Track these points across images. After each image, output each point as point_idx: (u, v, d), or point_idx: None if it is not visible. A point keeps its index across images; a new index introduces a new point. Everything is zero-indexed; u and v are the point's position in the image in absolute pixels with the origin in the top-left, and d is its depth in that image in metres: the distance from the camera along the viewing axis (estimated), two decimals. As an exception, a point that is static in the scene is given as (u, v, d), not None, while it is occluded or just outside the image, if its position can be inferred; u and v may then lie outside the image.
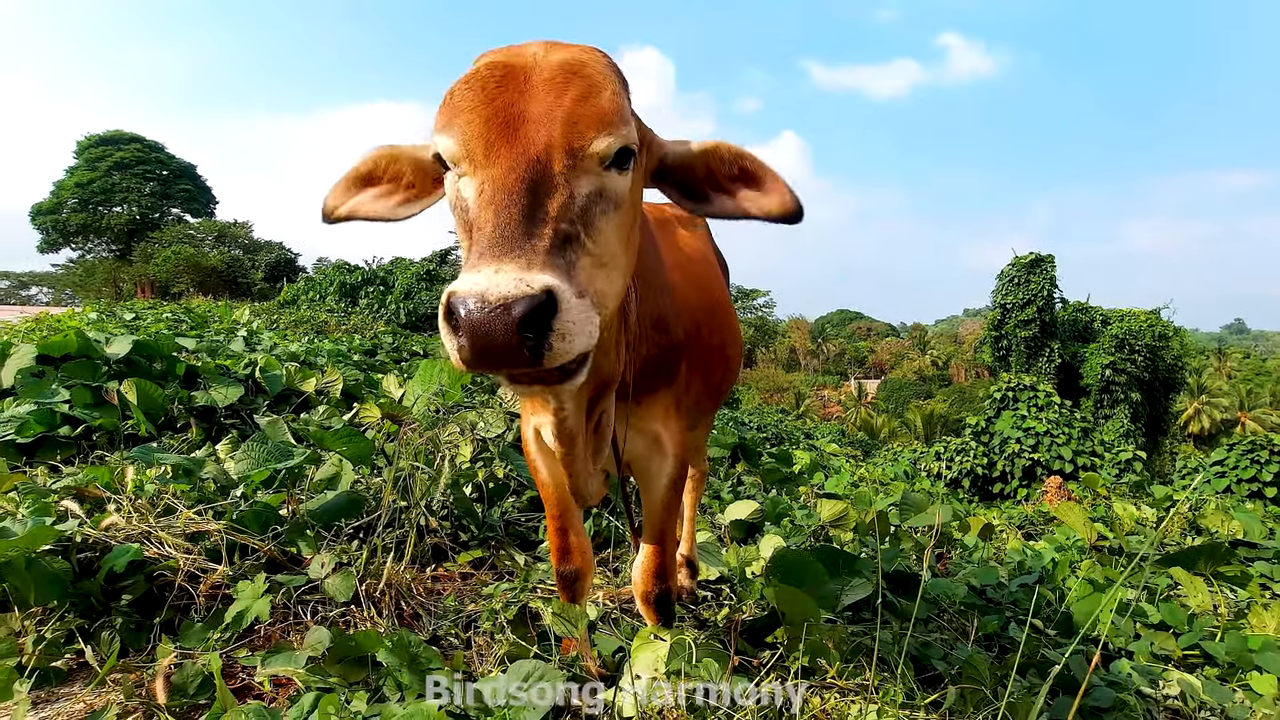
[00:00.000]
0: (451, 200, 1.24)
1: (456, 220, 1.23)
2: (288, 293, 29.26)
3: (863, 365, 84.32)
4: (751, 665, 2.11)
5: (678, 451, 1.90)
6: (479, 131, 1.16)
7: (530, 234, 1.06)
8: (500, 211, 1.07)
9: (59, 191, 52.99)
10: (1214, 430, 41.80)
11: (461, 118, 1.18)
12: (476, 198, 1.14)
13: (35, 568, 2.15)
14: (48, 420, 3.79)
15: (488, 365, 1.00)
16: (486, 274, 1.00)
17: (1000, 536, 5.27)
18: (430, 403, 4.66)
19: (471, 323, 0.97)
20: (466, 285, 0.99)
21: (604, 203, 1.20)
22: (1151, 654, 2.77)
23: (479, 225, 1.10)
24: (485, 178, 1.14)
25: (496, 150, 1.14)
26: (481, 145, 1.15)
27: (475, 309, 0.96)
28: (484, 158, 1.15)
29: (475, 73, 1.22)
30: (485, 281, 0.98)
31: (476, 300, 0.97)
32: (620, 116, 1.21)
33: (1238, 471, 14.72)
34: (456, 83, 1.22)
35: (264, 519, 2.73)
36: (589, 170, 1.18)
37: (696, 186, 1.46)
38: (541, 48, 1.25)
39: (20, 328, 8.14)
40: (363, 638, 2.01)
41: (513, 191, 1.09)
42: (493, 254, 1.03)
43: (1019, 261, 29.47)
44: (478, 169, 1.16)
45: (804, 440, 16.87)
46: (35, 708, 1.92)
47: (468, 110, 1.18)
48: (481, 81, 1.20)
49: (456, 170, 1.21)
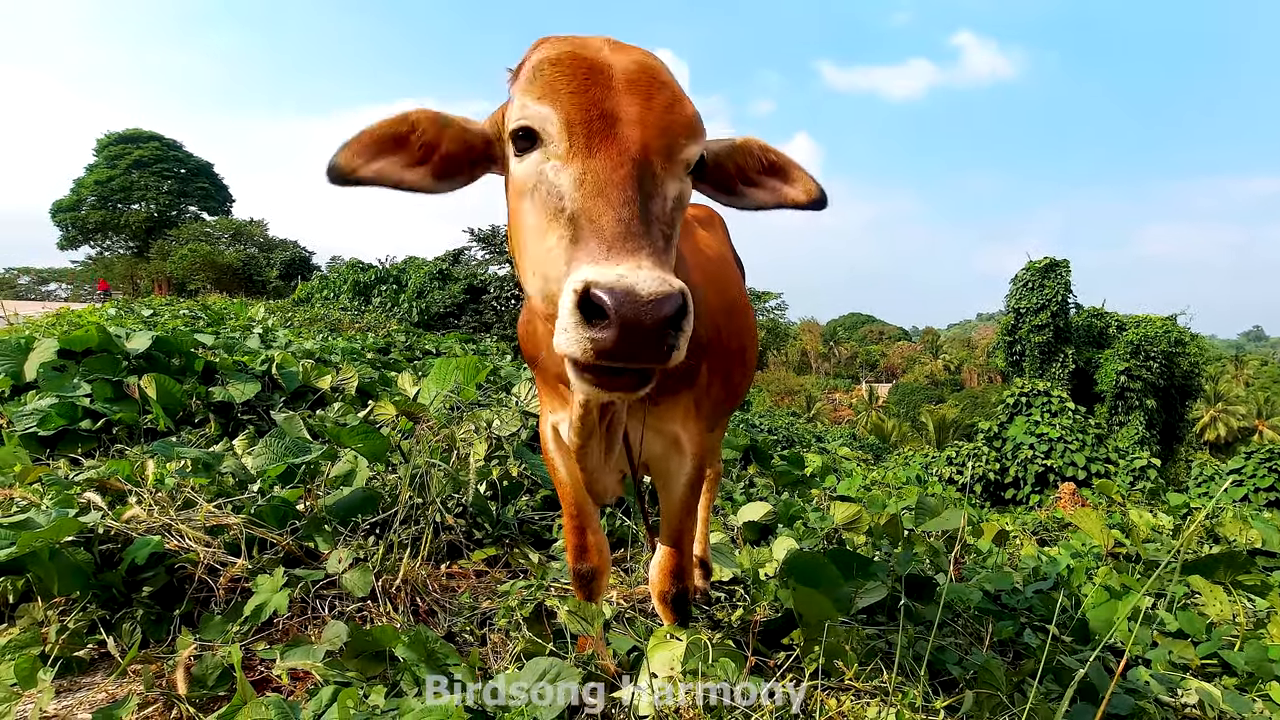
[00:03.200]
0: (529, 182, 1.21)
1: (535, 205, 1.19)
2: (302, 290, 29.50)
3: (874, 369, 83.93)
4: (767, 666, 2.11)
5: (697, 452, 1.90)
6: (580, 120, 1.15)
7: (649, 234, 1.07)
8: (619, 207, 1.08)
9: (79, 189, 53.70)
10: (1230, 438, 41.33)
11: (562, 101, 1.17)
12: (578, 187, 1.12)
13: (58, 559, 2.18)
14: (69, 413, 3.84)
15: (626, 359, 1.00)
16: (628, 269, 0.99)
17: (1014, 542, 5.23)
18: (446, 400, 4.68)
19: (624, 316, 0.96)
20: (609, 277, 0.98)
21: (680, 208, 1.24)
22: (1169, 662, 2.74)
23: (590, 216, 1.09)
24: (587, 168, 1.13)
25: (599, 143, 1.14)
26: (583, 135, 1.15)
27: (629, 302, 0.96)
28: (586, 148, 1.14)
29: (562, 59, 1.20)
30: (632, 276, 0.98)
31: (627, 294, 0.96)
32: (701, 123, 1.25)
33: (1255, 480, 14.55)
34: (542, 64, 1.21)
35: (282, 513, 2.75)
36: (676, 175, 1.21)
37: (729, 182, 1.49)
38: (607, 45, 1.26)
39: (42, 322, 8.25)
40: (380, 633, 2.03)
41: (624, 188, 1.10)
42: (624, 249, 1.03)
43: (1033, 266, 29.24)
44: (577, 158, 1.14)
45: (815, 443, 16.82)
46: (58, 696, 1.94)
47: (565, 96, 1.17)
48: (571, 71, 1.19)
49: (544, 152, 1.19)
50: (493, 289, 28.74)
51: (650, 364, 1.02)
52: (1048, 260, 29.14)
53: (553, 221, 1.15)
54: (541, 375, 1.89)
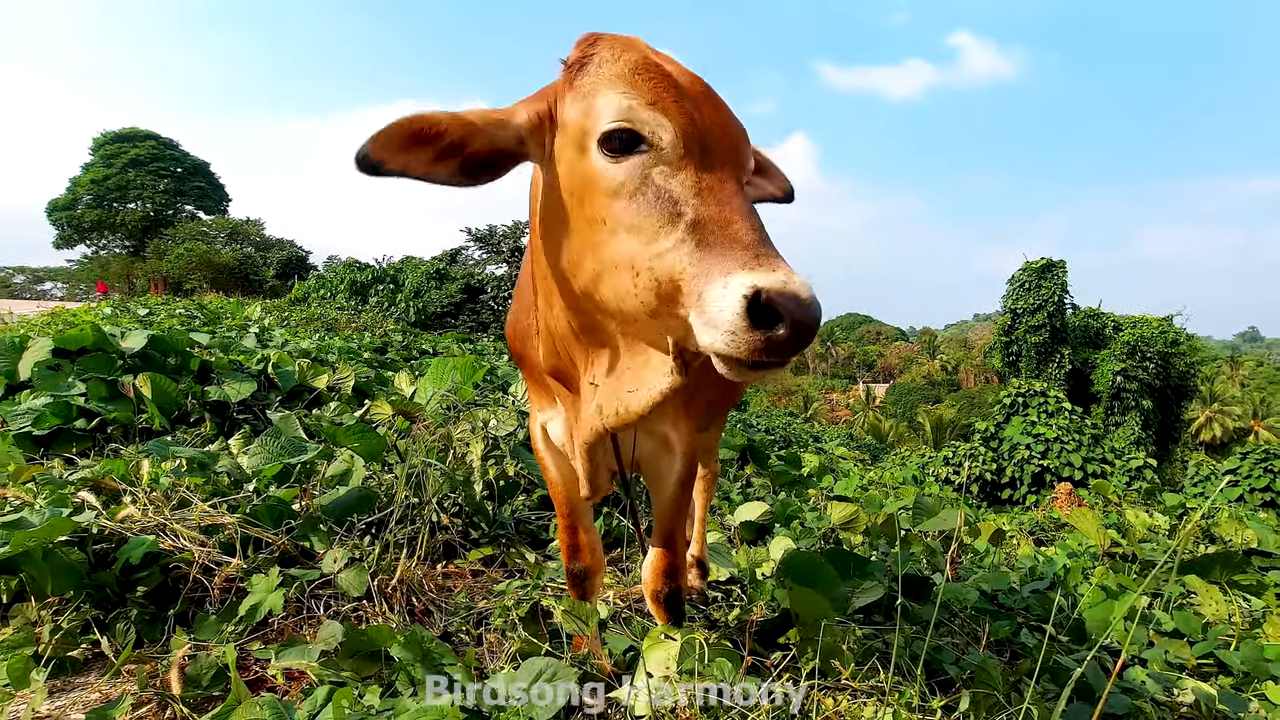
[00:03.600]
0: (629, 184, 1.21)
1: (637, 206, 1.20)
2: (299, 290, 29.47)
3: (871, 369, 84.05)
4: (764, 665, 2.11)
5: (686, 451, 1.90)
6: (691, 130, 1.21)
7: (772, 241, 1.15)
8: (747, 215, 1.16)
9: (75, 188, 53.54)
10: (1226, 439, 41.46)
11: (674, 109, 1.21)
12: (696, 195, 1.17)
13: (52, 558, 2.17)
14: (64, 413, 3.82)
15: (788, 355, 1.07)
16: (785, 273, 1.07)
17: (1010, 542, 5.24)
18: (442, 400, 4.67)
19: (797, 319, 1.04)
20: (775, 283, 1.05)
21: None
22: (1165, 662, 2.74)
23: (720, 224, 1.14)
24: (701, 178, 1.19)
25: (712, 153, 1.21)
26: (698, 144, 1.21)
27: (801, 306, 1.04)
28: (701, 157, 1.20)
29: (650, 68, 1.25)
30: (792, 281, 1.06)
31: (794, 298, 1.04)
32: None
33: (1251, 480, 14.59)
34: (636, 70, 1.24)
35: (277, 513, 2.74)
36: (748, 183, 1.31)
37: None
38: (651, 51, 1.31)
39: (37, 321, 8.22)
40: (375, 633, 2.02)
41: (742, 197, 1.19)
42: (769, 255, 1.10)
43: (1030, 266, 29.32)
44: (690, 166, 1.19)
45: (812, 443, 16.83)
46: (52, 696, 1.93)
47: (674, 104, 1.22)
48: (665, 79, 1.24)
49: (654, 155, 1.20)
50: (490, 289, 28.72)
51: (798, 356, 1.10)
52: (1044, 261, 29.23)
53: (666, 224, 1.17)
54: (531, 374, 1.88)
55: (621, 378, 1.37)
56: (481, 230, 31.16)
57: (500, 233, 30.86)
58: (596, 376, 1.42)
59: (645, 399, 1.33)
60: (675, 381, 1.28)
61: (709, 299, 1.08)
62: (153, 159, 54.17)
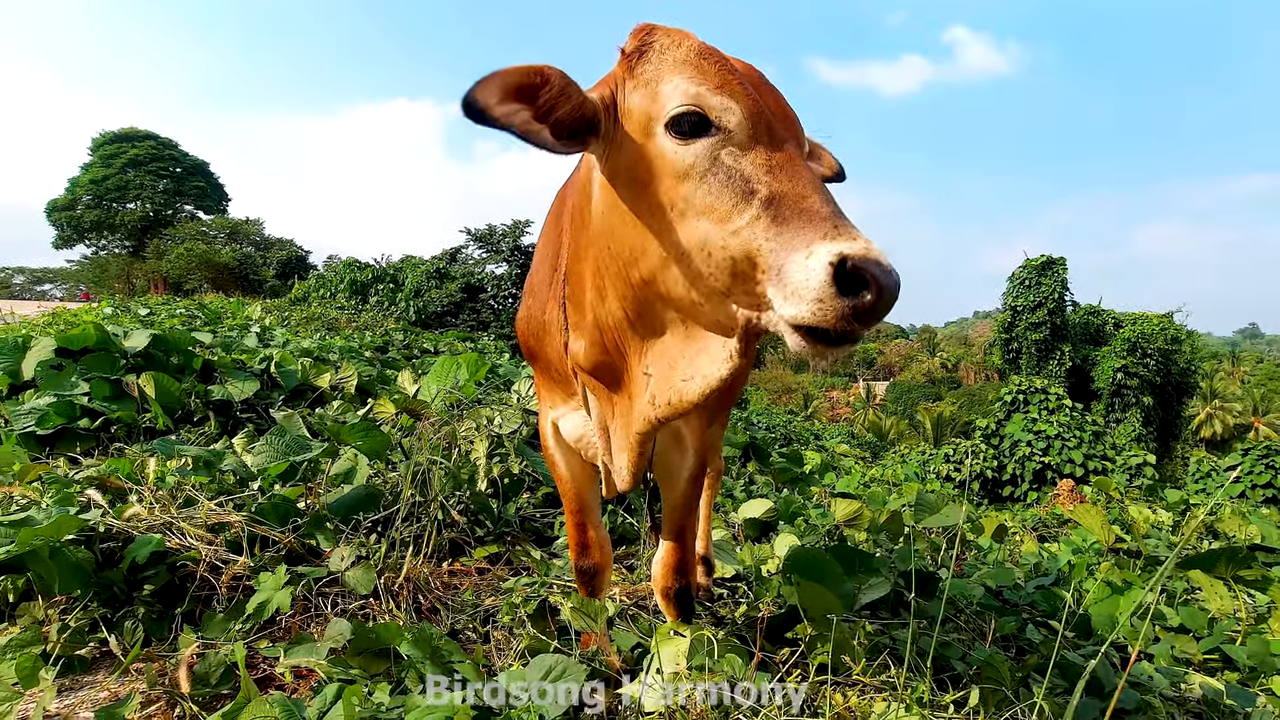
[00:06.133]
0: (700, 166, 1.23)
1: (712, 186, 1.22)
2: (299, 290, 29.45)
3: (871, 367, 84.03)
4: (772, 661, 2.11)
5: (698, 447, 1.90)
6: (759, 113, 1.25)
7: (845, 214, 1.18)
8: (819, 191, 1.19)
9: (74, 188, 53.45)
10: (1226, 435, 41.45)
11: (738, 93, 1.25)
12: (770, 173, 1.21)
13: (59, 557, 2.17)
14: (67, 412, 3.82)
15: (875, 320, 1.09)
16: (866, 243, 1.09)
17: (1014, 539, 5.24)
18: (446, 398, 4.67)
19: (883, 284, 1.07)
20: (858, 250, 1.08)
21: None
22: (1172, 657, 2.75)
23: (795, 198, 1.17)
24: (773, 157, 1.22)
25: (778, 134, 1.26)
26: (765, 126, 1.25)
27: (886, 272, 1.07)
28: (769, 138, 1.24)
29: (712, 54, 1.29)
30: (872, 249, 1.08)
31: (879, 264, 1.07)
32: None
33: (1252, 477, 14.59)
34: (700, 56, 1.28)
35: (283, 511, 2.74)
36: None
37: None
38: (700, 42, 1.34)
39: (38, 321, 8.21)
40: (383, 630, 2.02)
41: (810, 174, 1.22)
42: (846, 225, 1.13)
43: (1030, 264, 29.30)
44: (760, 147, 1.23)
45: (813, 441, 16.83)
46: (60, 695, 1.93)
47: (738, 87, 1.26)
48: (727, 65, 1.28)
49: (725, 138, 1.24)
50: (490, 288, 28.69)
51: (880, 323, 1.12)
52: (1044, 258, 29.21)
53: (741, 203, 1.20)
54: (542, 370, 1.87)
55: (675, 366, 1.38)
56: (481, 230, 31.13)
57: (500, 232, 30.83)
58: (650, 366, 1.43)
59: (700, 387, 1.35)
60: (735, 365, 1.30)
61: (791, 270, 1.11)
62: (152, 159, 54.06)
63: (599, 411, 1.68)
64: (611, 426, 1.64)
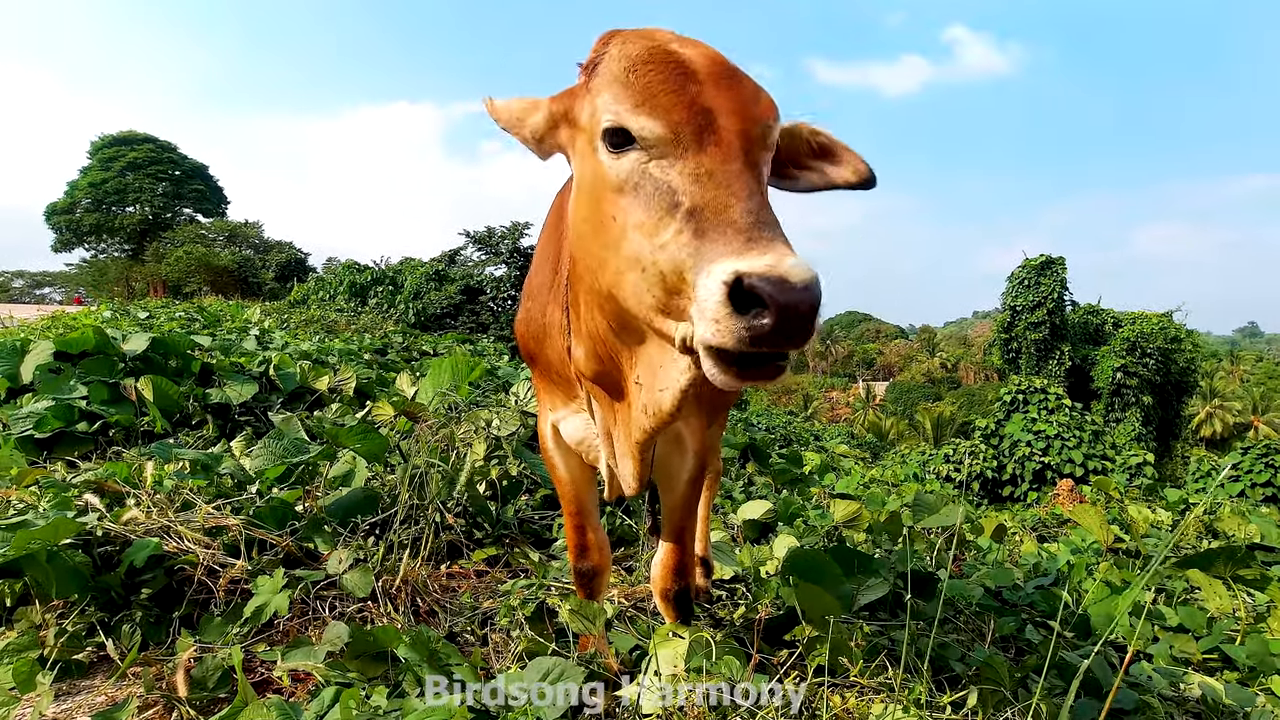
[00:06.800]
0: (630, 180, 1.22)
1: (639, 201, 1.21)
2: (298, 292, 29.45)
3: (871, 367, 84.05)
4: (771, 663, 2.10)
5: (698, 449, 1.90)
6: (685, 118, 1.18)
7: (775, 222, 1.11)
8: (745, 199, 1.11)
9: (73, 191, 53.47)
10: (1226, 434, 41.45)
11: (663, 101, 1.19)
12: (695, 183, 1.15)
13: (56, 561, 2.17)
14: (65, 416, 3.82)
15: (782, 344, 1.02)
16: (775, 257, 1.01)
17: (1013, 539, 5.23)
18: (444, 400, 4.67)
19: (782, 303, 0.98)
20: (759, 267, 1.00)
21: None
22: (1171, 657, 2.74)
23: (715, 209, 1.11)
24: (700, 164, 1.15)
25: (707, 138, 1.17)
26: (692, 132, 1.18)
27: (785, 290, 0.99)
28: (697, 144, 1.17)
29: (653, 58, 1.24)
30: (781, 265, 1.00)
31: (781, 281, 0.99)
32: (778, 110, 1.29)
33: (1252, 476, 14.59)
34: (634, 65, 1.23)
35: (281, 514, 2.74)
36: (766, 161, 1.25)
37: (782, 167, 1.48)
38: (675, 39, 1.29)
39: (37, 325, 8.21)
40: (381, 633, 2.02)
41: (741, 179, 1.14)
42: (763, 238, 1.06)
43: (1029, 263, 29.30)
44: (689, 155, 1.17)
45: (813, 441, 16.83)
46: (58, 699, 1.93)
47: (667, 95, 1.20)
48: (666, 68, 1.22)
49: (651, 152, 1.20)
50: (489, 290, 28.68)
51: (798, 348, 1.04)
52: (1044, 258, 29.20)
53: (666, 216, 1.16)
54: (542, 373, 1.87)
55: (655, 375, 1.38)
56: (480, 232, 31.13)
57: (499, 234, 30.83)
58: (640, 375, 1.42)
59: (671, 397, 1.35)
60: (694, 374, 1.27)
61: (698, 288, 1.06)
62: (151, 162, 54.09)
63: (603, 417, 1.68)
64: (615, 434, 1.64)
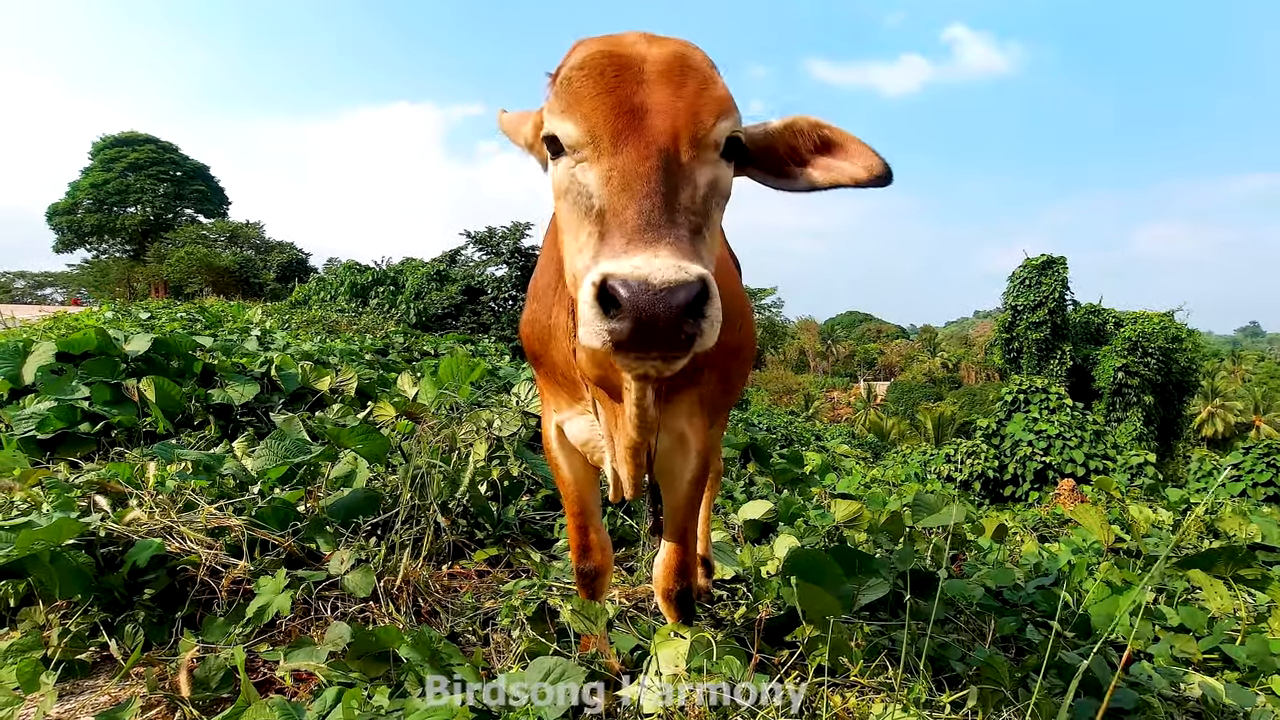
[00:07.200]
0: (563, 185, 1.23)
1: (568, 204, 1.22)
2: (299, 293, 29.46)
3: (872, 367, 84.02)
4: (771, 663, 2.11)
5: (701, 449, 1.90)
6: (604, 119, 1.17)
7: (673, 222, 1.08)
8: (642, 199, 1.09)
9: (74, 192, 53.57)
10: (1228, 434, 41.39)
11: (584, 106, 1.19)
12: (605, 184, 1.14)
13: (59, 562, 2.18)
14: (68, 416, 3.83)
15: (643, 349, 1.01)
16: (644, 259, 1.00)
17: (1014, 539, 5.23)
18: (445, 400, 4.68)
19: (637, 306, 0.97)
20: (624, 269, 0.99)
21: (717, 194, 1.23)
22: (1172, 657, 2.74)
23: (614, 211, 1.10)
24: (614, 165, 1.14)
25: (624, 139, 1.16)
26: (608, 133, 1.17)
27: (641, 292, 0.97)
28: (611, 146, 1.16)
29: (589, 61, 1.22)
30: (646, 266, 0.99)
31: (641, 284, 0.97)
32: (733, 104, 1.24)
33: (1253, 475, 14.57)
34: (570, 70, 1.23)
35: (283, 515, 2.75)
36: (708, 160, 1.21)
37: (780, 165, 1.45)
38: (643, 39, 1.27)
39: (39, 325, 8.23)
40: (383, 633, 2.02)
41: (649, 179, 1.11)
42: (643, 240, 1.04)
43: (1030, 263, 29.29)
44: (603, 156, 1.16)
45: (814, 441, 16.82)
46: (61, 699, 1.94)
47: (589, 99, 1.19)
48: (599, 70, 1.21)
49: (575, 156, 1.21)
50: (490, 290, 28.69)
51: (670, 352, 1.02)
52: (1045, 257, 29.20)
53: (584, 219, 1.17)
54: (547, 374, 1.88)
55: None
56: (481, 232, 31.14)
57: (499, 234, 30.83)
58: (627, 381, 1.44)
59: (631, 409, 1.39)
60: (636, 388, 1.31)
61: (580, 292, 1.05)
62: (152, 163, 54.18)
63: (606, 419, 1.69)
64: (615, 437, 1.65)
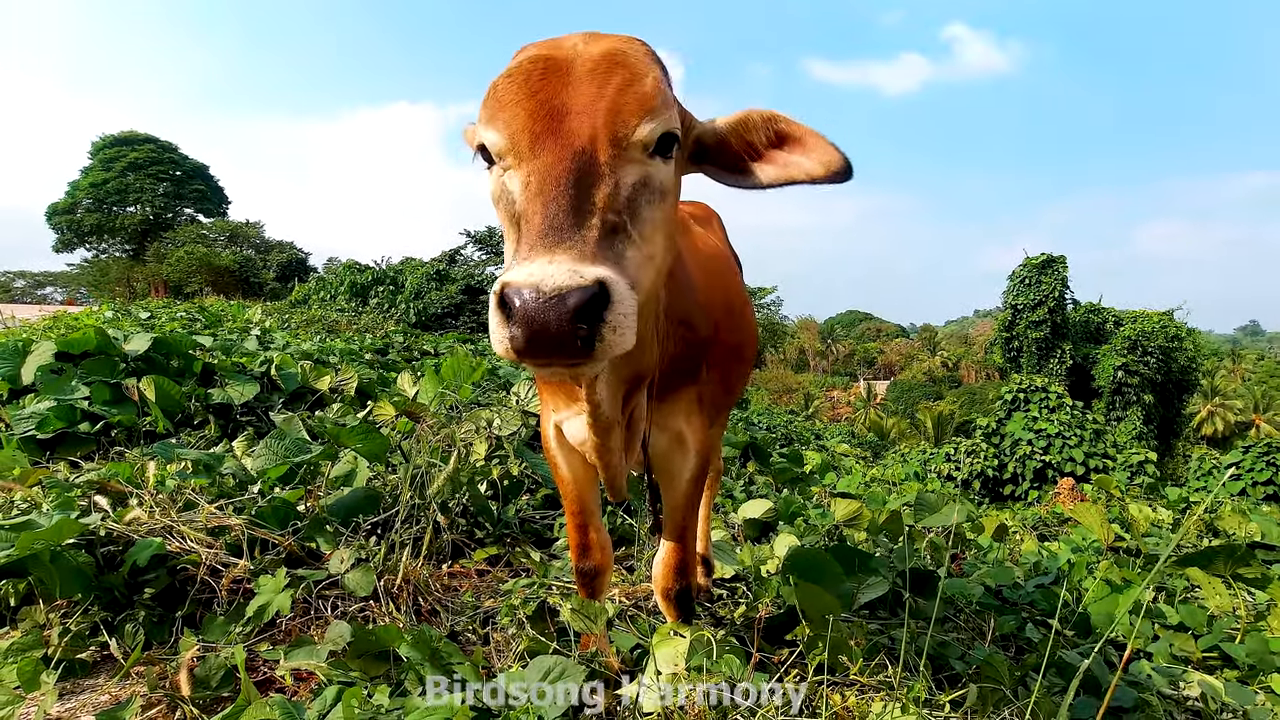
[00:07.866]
0: (495, 194, 1.24)
1: (501, 214, 1.23)
2: (299, 292, 29.46)
3: (872, 366, 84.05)
4: (771, 662, 2.11)
5: (700, 449, 1.90)
6: (523, 124, 1.16)
7: (580, 225, 1.06)
8: (549, 203, 1.08)
9: (74, 192, 53.54)
10: (1228, 433, 41.41)
11: (505, 112, 1.18)
12: (523, 190, 1.14)
13: (60, 561, 2.18)
14: (68, 416, 3.83)
15: (539, 356, 1.00)
16: (540, 265, 1.00)
17: (1014, 538, 5.24)
18: (445, 400, 4.68)
19: (527, 313, 0.97)
20: (520, 276, 0.99)
21: (649, 192, 1.21)
22: (1171, 655, 2.75)
23: (527, 217, 1.11)
24: (531, 170, 1.14)
25: (542, 142, 1.15)
26: (526, 138, 1.16)
27: (530, 299, 0.97)
28: (529, 150, 1.15)
29: (517, 66, 1.22)
30: (539, 273, 0.98)
31: (531, 291, 0.97)
32: (662, 101, 1.21)
33: (1254, 474, 14.59)
34: (499, 77, 1.23)
35: (283, 514, 2.75)
36: (633, 159, 1.19)
37: (735, 161, 1.43)
38: (582, 39, 1.26)
39: (39, 325, 8.23)
40: (383, 632, 2.03)
41: (560, 183, 1.09)
42: (544, 245, 1.03)
43: (1030, 262, 29.29)
44: (523, 161, 1.16)
45: (814, 441, 16.83)
46: (62, 698, 1.94)
47: (511, 104, 1.18)
48: (524, 75, 1.20)
49: (501, 164, 1.21)
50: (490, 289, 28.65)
51: (568, 359, 1.00)
52: (1045, 256, 29.19)
53: (510, 227, 1.19)
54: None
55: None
56: (480, 232, 31.14)
57: (499, 234, 30.84)
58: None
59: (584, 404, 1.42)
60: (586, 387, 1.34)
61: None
62: (152, 162, 54.13)
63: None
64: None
